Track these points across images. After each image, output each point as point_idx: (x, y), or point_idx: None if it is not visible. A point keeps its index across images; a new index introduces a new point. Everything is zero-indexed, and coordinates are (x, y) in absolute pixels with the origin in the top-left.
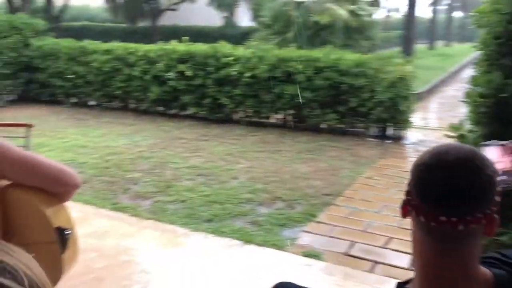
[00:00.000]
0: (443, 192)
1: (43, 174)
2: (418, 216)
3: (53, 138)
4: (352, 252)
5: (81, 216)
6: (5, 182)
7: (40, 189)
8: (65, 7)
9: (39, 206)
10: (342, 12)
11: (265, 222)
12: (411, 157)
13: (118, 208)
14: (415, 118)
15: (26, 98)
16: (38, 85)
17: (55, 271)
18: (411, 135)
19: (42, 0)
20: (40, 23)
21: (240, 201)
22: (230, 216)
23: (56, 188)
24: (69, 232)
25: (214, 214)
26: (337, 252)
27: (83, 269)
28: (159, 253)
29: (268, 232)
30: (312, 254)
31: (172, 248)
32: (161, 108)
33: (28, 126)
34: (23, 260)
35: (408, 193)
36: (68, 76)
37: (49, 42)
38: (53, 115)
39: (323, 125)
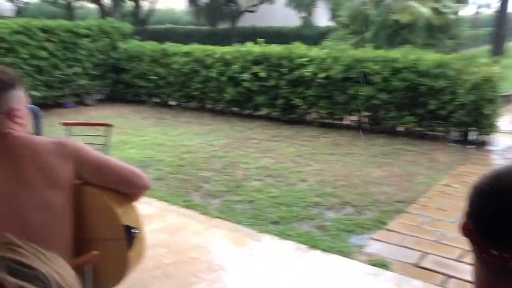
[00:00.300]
0: (496, 224)
1: (116, 175)
2: (472, 242)
3: (135, 136)
4: (423, 264)
5: (155, 212)
6: (81, 180)
7: (112, 189)
8: (151, 11)
9: (110, 204)
10: (424, 10)
11: (332, 227)
12: (496, 164)
13: (189, 205)
14: (503, 122)
15: (113, 97)
16: (123, 85)
17: (121, 268)
18: (498, 141)
19: (131, 5)
20: (127, 26)
21: (307, 204)
22: (297, 219)
23: (127, 188)
24: (136, 231)
25: (280, 216)
26: (406, 263)
27: (153, 264)
28: (226, 252)
29: (335, 237)
30: (380, 263)
31: (238, 248)
32: (235, 109)
33: (109, 125)
34: (58, 269)
35: (465, 215)
36: (151, 77)
37: (135, 44)
38: (136, 114)
39: (399, 128)
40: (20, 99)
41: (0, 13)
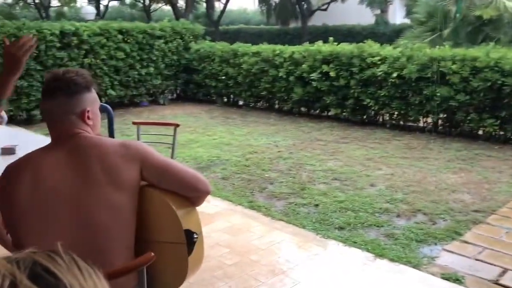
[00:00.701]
0: None
1: (178, 179)
2: None
3: (203, 135)
4: (502, 281)
5: (219, 211)
6: (144, 182)
7: (174, 193)
8: (223, 12)
9: (172, 208)
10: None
11: (401, 236)
12: None
13: (253, 206)
14: None
15: (184, 97)
16: (195, 85)
17: (180, 272)
18: None
19: (205, 6)
20: (199, 28)
21: (375, 211)
22: (364, 226)
23: (189, 192)
24: (196, 236)
25: (346, 222)
26: (483, 279)
27: (215, 264)
28: (288, 256)
29: (404, 247)
30: (452, 277)
31: (301, 252)
32: (303, 109)
33: (176, 125)
34: (87, 285)
35: None
36: (221, 77)
37: (206, 45)
38: (206, 113)
39: (478, 132)
40: (93, 101)
41: (83, 16)
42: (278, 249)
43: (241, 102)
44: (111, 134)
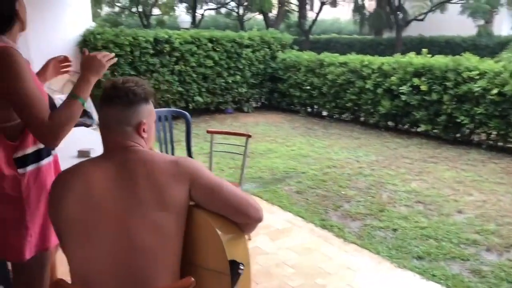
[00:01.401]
0: None
1: (227, 202)
2: None
3: (282, 145)
4: None
5: (288, 227)
6: (193, 202)
7: (223, 217)
8: (315, 21)
9: (218, 234)
10: None
11: (490, 273)
12: None
13: (325, 225)
14: None
15: (268, 106)
16: (279, 94)
17: None
18: None
19: (297, 16)
20: (288, 37)
21: (461, 241)
22: (446, 258)
23: (238, 218)
24: (243, 268)
25: (426, 252)
26: None
27: (278, 283)
28: (357, 284)
29: (493, 287)
30: None
31: (371, 281)
32: (390, 123)
33: (248, 136)
34: None
35: None
36: (306, 87)
37: (292, 55)
38: (288, 123)
39: None
40: (150, 113)
41: (180, 25)
42: (347, 275)
43: (324, 113)
44: (188, 140)
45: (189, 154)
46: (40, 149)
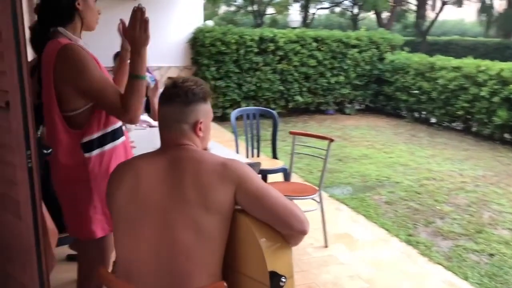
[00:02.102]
0: None
1: (272, 210)
2: None
3: (380, 151)
4: None
5: (370, 239)
6: (238, 206)
7: (268, 225)
8: (434, 22)
9: (259, 242)
10: None
11: None
12: None
13: (411, 241)
14: None
15: (372, 109)
16: (384, 97)
17: None
18: None
19: (415, 16)
20: (398, 38)
21: None
22: None
23: (282, 228)
24: (285, 280)
25: None
26: None
27: None
28: None
29: None
30: None
31: None
32: (507, 136)
33: (330, 140)
34: None
35: None
36: (413, 91)
37: (402, 56)
38: (390, 128)
39: None
40: (207, 113)
41: (290, 24)
42: None
43: (432, 120)
44: (274, 139)
45: (274, 153)
46: (105, 133)
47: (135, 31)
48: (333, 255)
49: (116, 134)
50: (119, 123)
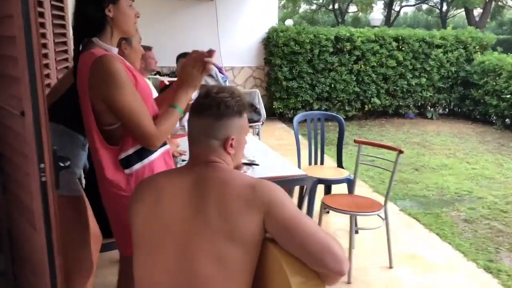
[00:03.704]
0: None
1: (302, 244)
2: None
3: (462, 161)
4: None
5: (441, 262)
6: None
7: (299, 260)
8: None
9: (289, 280)
10: None
11: None
12: None
13: (490, 268)
14: None
15: (457, 113)
16: (471, 101)
17: None
18: None
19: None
20: (489, 37)
21: None
22: None
23: (313, 265)
24: None
25: None
26: None
27: None
28: None
29: None
30: None
31: None
32: None
33: (399, 151)
34: None
35: None
36: (505, 95)
37: (493, 57)
38: (476, 135)
39: None
40: (241, 128)
41: (371, 22)
42: None
43: None
44: (340, 146)
45: (339, 161)
46: (141, 148)
47: (194, 70)
48: (397, 278)
49: None
50: None
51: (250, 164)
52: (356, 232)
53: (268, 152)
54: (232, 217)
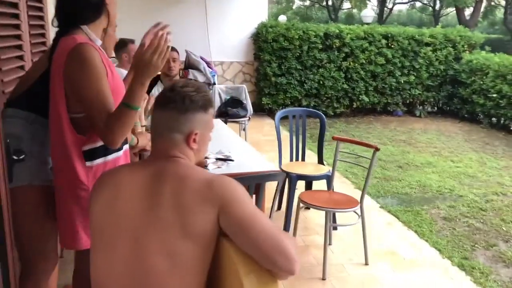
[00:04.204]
0: None
1: (255, 242)
2: None
3: (445, 159)
4: None
5: (417, 259)
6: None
7: (253, 259)
8: None
9: (241, 277)
10: None
11: None
12: None
13: (465, 266)
14: None
15: (444, 111)
16: (459, 100)
17: None
18: None
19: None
20: (478, 36)
21: None
22: None
23: (265, 264)
24: None
25: None
26: None
27: None
28: None
29: None
30: None
31: None
32: None
33: (376, 149)
34: None
35: None
36: (492, 95)
37: (481, 56)
38: (463, 134)
39: None
40: (206, 124)
41: (362, 19)
42: None
43: None
44: (320, 142)
45: (320, 157)
46: None
47: (146, 55)
48: (373, 275)
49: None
50: None
51: (225, 159)
52: (335, 228)
53: (246, 148)
54: (185, 211)
